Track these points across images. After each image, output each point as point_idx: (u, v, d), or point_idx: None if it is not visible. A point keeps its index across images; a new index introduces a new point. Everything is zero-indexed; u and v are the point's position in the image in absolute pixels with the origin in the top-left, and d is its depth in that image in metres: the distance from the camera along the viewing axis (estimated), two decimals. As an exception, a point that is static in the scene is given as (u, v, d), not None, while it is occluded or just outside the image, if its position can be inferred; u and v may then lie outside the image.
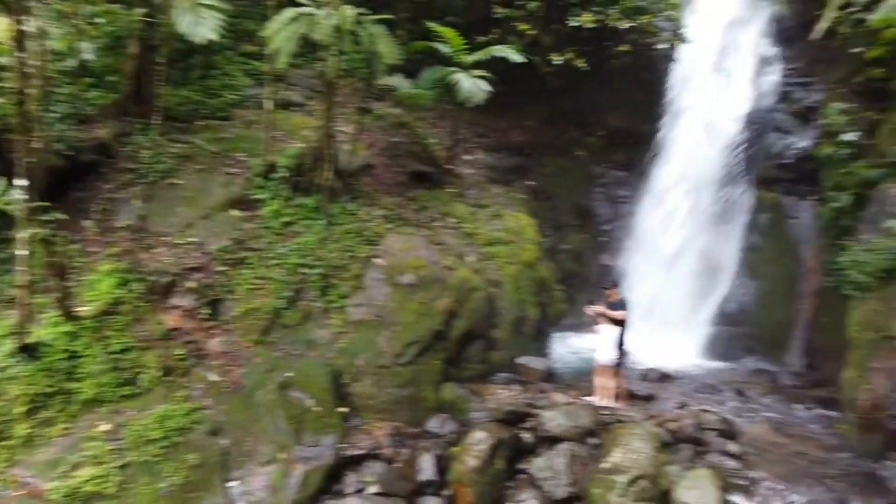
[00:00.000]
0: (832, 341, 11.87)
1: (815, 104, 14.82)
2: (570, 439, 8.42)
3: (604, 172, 17.84)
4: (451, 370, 10.97)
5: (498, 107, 18.03)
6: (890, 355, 8.25)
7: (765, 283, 13.41)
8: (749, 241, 14.09)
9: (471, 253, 12.74)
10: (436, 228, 13.09)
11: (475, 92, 13.70)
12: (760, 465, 8.01)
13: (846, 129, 12.98)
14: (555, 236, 16.76)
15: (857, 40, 13.82)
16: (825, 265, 12.43)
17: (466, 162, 16.42)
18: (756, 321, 13.23)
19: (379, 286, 10.92)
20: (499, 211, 14.28)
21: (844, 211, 11.82)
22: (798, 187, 14.04)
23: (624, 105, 17.97)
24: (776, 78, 16.02)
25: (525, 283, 12.93)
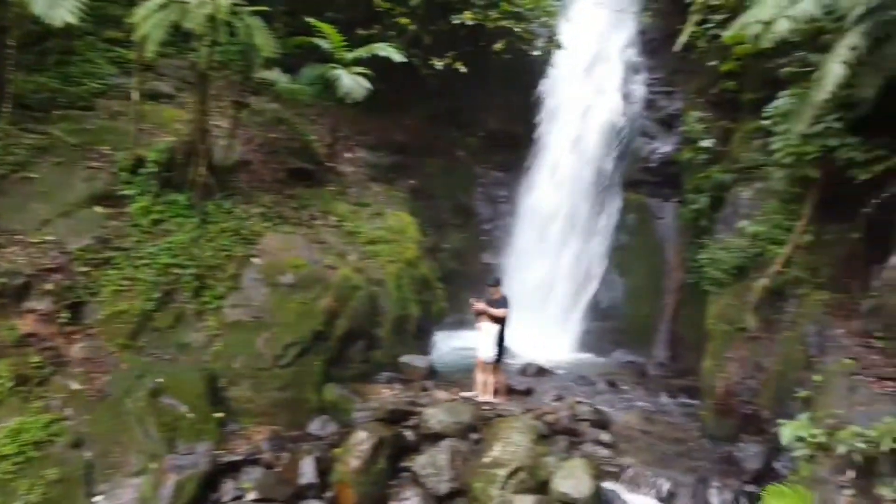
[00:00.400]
0: (692, 333, 12.79)
1: (677, 112, 15.85)
2: (452, 435, 8.53)
3: (484, 173, 18.23)
4: (333, 371, 10.82)
5: (379, 105, 17.98)
6: (742, 345, 9.00)
7: (633, 279, 14.23)
8: (618, 240, 14.91)
9: (352, 252, 12.62)
10: (316, 227, 12.88)
11: (355, 89, 13.58)
12: (630, 452, 8.49)
13: (703, 136, 13.98)
14: (436, 235, 16.94)
15: (713, 54, 14.91)
16: (686, 262, 13.34)
17: (347, 160, 16.27)
18: (625, 316, 14.03)
19: (257, 286, 10.59)
20: (380, 209, 14.24)
21: (702, 212, 12.74)
22: (662, 190, 14.99)
23: (502, 107, 18.45)
24: (642, 86, 17.00)
25: (407, 282, 12.97)
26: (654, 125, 15.97)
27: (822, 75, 7.01)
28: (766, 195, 10.51)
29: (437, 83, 17.52)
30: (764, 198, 10.49)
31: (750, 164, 11.65)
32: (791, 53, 13.21)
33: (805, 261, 8.64)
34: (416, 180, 17.15)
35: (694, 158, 13.19)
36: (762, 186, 10.79)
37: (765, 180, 10.88)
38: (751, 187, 11.00)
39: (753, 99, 13.03)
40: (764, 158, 11.29)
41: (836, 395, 5.65)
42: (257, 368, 9.89)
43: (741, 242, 10.00)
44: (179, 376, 9.25)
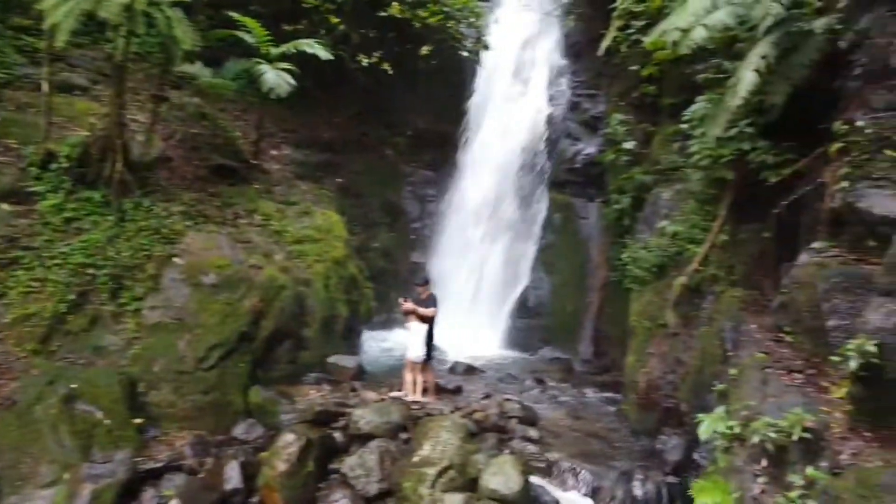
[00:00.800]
0: (616, 330, 13.16)
1: (601, 115, 16.26)
2: (381, 436, 8.48)
3: (412, 171, 18.24)
4: (259, 372, 10.60)
5: (306, 102, 17.75)
6: (663, 341, 9.32)
7: (559, 278, 14.52)
8: (545, 239, 15.19)
9: (278, 251, 12.37)
10: (241, 226, 12.56)
11: (280, 85, 13.35)
12: (557, 447, 8.66)
13: (625, 138, 14.39)
14: (365, 234, 16.83)
15: (635, 59, 15.37)
16: (610, 261, 13.71)
17: (273, 157, 15.95)
18: (551, 313, 14.30)
19: (178, 287, 10.24)
20: (307, 208, 14.02)
21: (625, 212, 13.12)
22: (587, 190, 15.35)
23: (430, 106, 18.50)
24: (567, 89, 17.36)
25: (335, 281, 12.81)
26: (579, 127, 16.34)
27: (736, 82, 7.34)
28: (684, 196, 10.91)
29: (366, 81, 17.43)
30: (683, 199, 10.88)
31: (669, 166, 12.06)
32: (707, 60, 13.82)
33: (720, 259, 9.02)
34: (344, 179, 16.98)
35: (616, 160, 13.56)
36: (681, 188, 11.19)
37: (683, 182, 11.28)
38: (670, 188, 11.40)
39: (672, 103, 13.51)
40: (682, 161, 11.73)
41: (749, 388, 5.92)
42: (179, 372, 9.57)
43: (661, 242, 10.35)
44: (95, 381, 8.83)
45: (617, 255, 13.42)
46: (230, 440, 9.13)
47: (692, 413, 7.80)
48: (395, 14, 15.78)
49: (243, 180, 14.06)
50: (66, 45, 10.30)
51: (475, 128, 18.04)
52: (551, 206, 15.46)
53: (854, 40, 7.98)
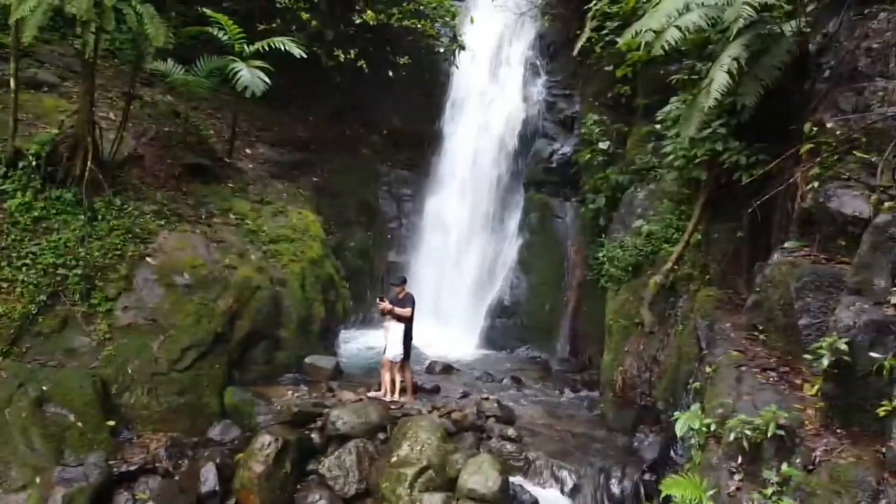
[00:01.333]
0: (593, 329, 13.25)
1: (576, 114, 16.37)
2: (359, 436, 8.45)
3: (388, 171, 18.16)
4: (235, 373, 10.51)
5: (281, 100, 17.61)
6: (639, 340, 9.40)
7: (535, 277, 14.58)
8: (521, 238, 15.24)
9: (253, 251, 12.27)
10: (215, 225, 12.42)
11: (255, 83, 13.19)
12: (535, 445, 8.69)
13: (600, 138, 14.49)
14: (341, 233, 16.75)
15: (609, 59, 15.48)
16: (587, 260, 13.80)
17: (248, 156, 15.80)
18: (528, 312, 14.35)
19: (151, 287, 10.10)
20: (283, 207, 13.91)
21: (601, 211, 13.21)
22: (563, 189, 15.44)
23: (406, 106, 18.45)
24: (542, 89, 17.44)
25: (311, 281, 12.73)
26: (555, 127, 16.42)
27: (709, 82, 7.41)
28: (659, 196, 11.03)
29: (342, 80, 17.33)
30: (657, 198, 11.00)
31: (644, 166, 12.19)
32: (681, 61, 14.00)
33: (695, 258, 9.13)
34: (320, 178, 16.88)
35: (592, 160, 13.65)
36: (655, 188, 11.31)
37: (658, 182, 11.40)
38: (645, 188, 11.52)
39: (646, 104, 13.65)
40: (657, 161, 11.87)
41: (724, 386, 5.97)
42: (153, 373, 9.45)
43: (637, 241, 10.45)
44: (66, 383, 8.69)
45: (593, 254, 13.53)
46: (206, 442, 9.04)
47: (668, 411, 7.89)
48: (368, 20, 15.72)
49: (217, 179, 13.91)
50: (34, 41, 10.10)
51: (451, 127, 18.03)
52: (528, 206, 15.52)
53: (822, 43, 8.14)
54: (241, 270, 11.28)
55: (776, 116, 8.39)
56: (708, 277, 8.80)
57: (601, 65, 15.78)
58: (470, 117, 17.82)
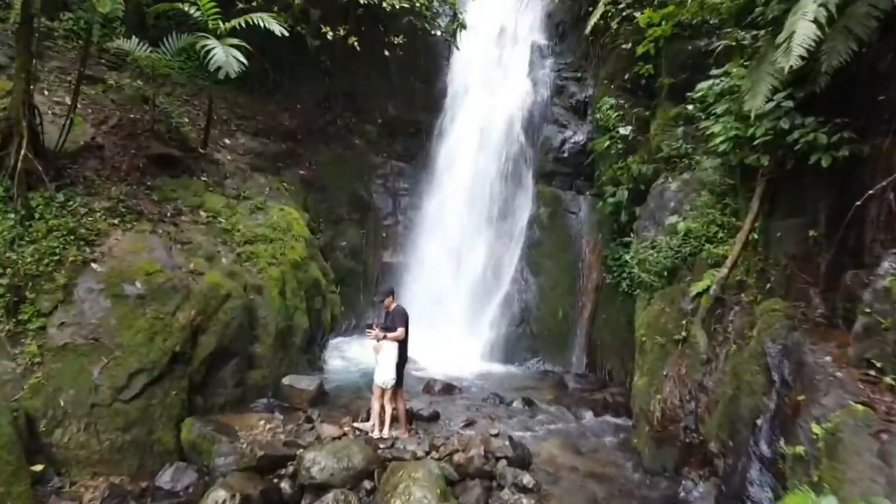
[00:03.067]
0: (612, 339, 11.47)
1: (588, 99, 14.56)
2: (339, 486, 6.65)
3: (383, 162, 16.34)
4: (197, 399, 8.74)
5: (265, 86, 15.80)
6: (680, 361, 7.59)
7: (546, 279, 12.71)
8: (531, 236, 13.35)
9: (226, 253, 10.48)
10: (182, 224, 10.62)
11: (229, 63, 11.32)
12: (556, 497, 6.84)
13: (618, 123, 12.70)
14: (330, 231, 14.96)
15: (626, 37, 13.67)
16: (604, 261, 12.00)
17: (226, 146, 13.96)
18: (539, 320, 12.48)
19: (95, 299, 8.29)
20: (262, 203, 12.10)
21: (622, 206, 11.42)
22: (576, 181, 13.61)
23: (402, 91, 16.67)
24: (550, 72, 15.60)
25: (293, 287, 10.94)
26: (565, 112, 14.58)
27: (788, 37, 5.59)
28: (695, 187, 9.21)
29: (332, 64, 15.56)
30: (693, 190, 9.18)
31: (673, 153, 10.37)
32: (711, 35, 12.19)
33: (749, 262, 7.31)
34: (307, 171, 15.06)
35: (610, 148, 11.82)
36: (690, 177, 9.49)
37: (693, 170, 9.58)
38: (677, 178, 9.69)
39: (671, 83, 11.85)
40: (689, 146, 10.06)
41: (858, 463, 4.04)
42: (92, 405, 7.66)
43: (672, 241, 8.62)
44: (-21, 421, 6.90)
45: (612, 254, 11.75)
46: (153, 490, 7.26)
47: (727, 456, 6.09)
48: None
49: (188, 172, 12.10)
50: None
51: (452, 115, 16.22)
52: (537, 200, 13.63)
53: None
54: (209, 276, 9.47)
55: (854, 85, 6.59)
56: (768, 286, 6.99)
57: (617, 43, 13.98)
58: (472, 103, 15.99)
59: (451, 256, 14.68)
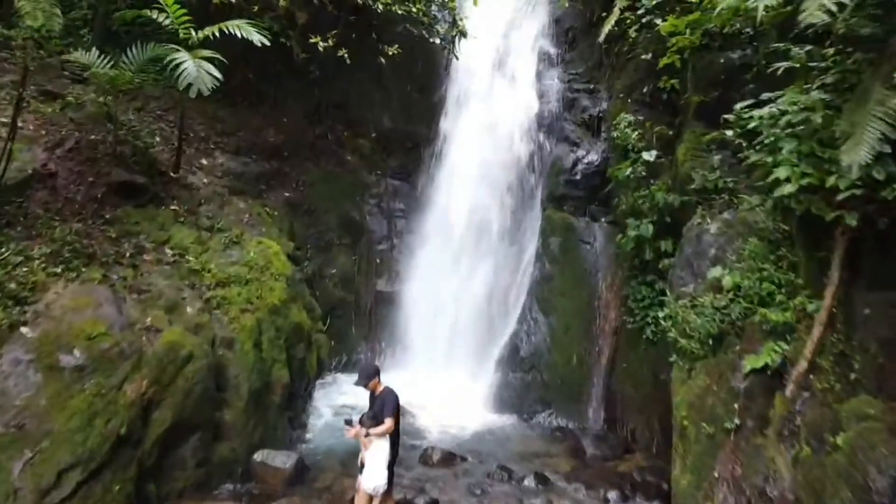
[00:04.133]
0: (634, 392, 9.93)
1: (603, 114, 12.95)
2: None
3: (377, 180, 14.75)
4: (149, 488, 7.20)
5: (248, 98, 14.20)
6: (735, 458, 6.07)
7: (558, 319, 11.09)
8: (540, 268, 11.73)
9: (192, 300, 8.94)
10: (143, 266, 9.10)
11: (201, 78, 9.78)
12: None
13: (637, 144, 11.13)
14: (319, 259, 13.41)
15: (645, 45, 12.09)
16: (623, 300, 10.44)
17: (203, 168, 12.39)
18: (550, 366, 10.86)
19: (23, 374, 6.76)
20: (239, 236, 10.55)
21: (644, 240, 9.85)
22: (590, 207, 12.00)
23: (399, 103, 15.10)
24: (560, 83, 14.00)
25: (270, 336, 9.40)
26: (577, 129, 12.98)
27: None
28: (740, 230, 7.64)
29: (321, 74, 13.97)
30: (738, 234, 7.60)
31: (708, 184, 8.78)
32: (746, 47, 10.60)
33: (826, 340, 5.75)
34: (294, 192, 13.49)
35: (631, 173, 10.20)
36: (733, 218, 7.91)
37: (735, 209, 8.01)
38: (716, 219, 8.09)
39: (700, 101, 10.26)
40: (730, 181, 8.49)
41: None
42: (11, 512, 6.12)
43: (715, 300, 7.05)
44: None
45: (634, 293, 10.20)
46: None
47: None
48: (350, 1, 12.36)
49: (156, 200, 10.58)
50: None
51: (452, 129, 14.63)
52: (547, 227, 12.00)
53: None
54: (167, 334, 7.94)
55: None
56: (852, 375, 5.44)
57: (635, 52, 12.39)
58: (474, 117, 14.44)
59: (451, 286, 13.11)
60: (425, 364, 12.30)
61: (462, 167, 14.08)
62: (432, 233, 13.87)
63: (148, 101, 12.87)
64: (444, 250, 13.54)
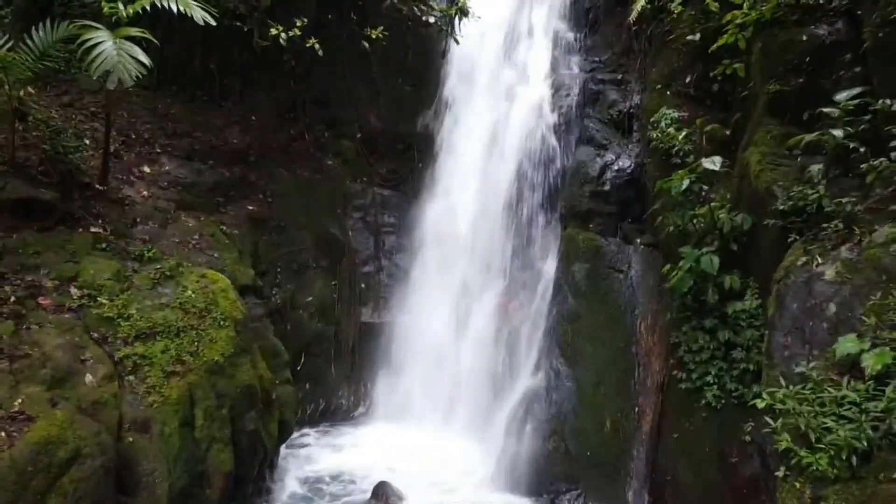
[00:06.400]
0: (691, 475, 7.34)
1: (634, 109, 10.42)
2: None
3: (363, 190, 12.21)
4: None
5: (209, 92, 11.66)
6: None
7: (586, 371, 8.43)
8: (561, 303, 9.13)
9: (94, 365, 6.38)
10: (31, 315, 6.58)
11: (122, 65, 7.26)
12: None
13: (685, 146, 8.59)
14: (291, 284, 10.88)
15: (691, 24, 9.54)
16: (673, 348, 7.86)
17: (143, 177, 9.86)
18: (577, 432, 8.17)
19: None
20: (175, 267, 7.98)
21: (707, 278, 7.28)
22: (621, 224, 9.43)
23: (389, 99, 12.54)
24: (580, 72, 11.48)
25: (208, 407, 6.86)
26: (603, 128, 10.42)
27: None
28: (872, 276, 5.06)
29: (297, 63, 11.50)
30: (872, 283, 5.03)
31: (807, 206, 6.20)
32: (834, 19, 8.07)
33: None
34: (259, 204, 10.96)
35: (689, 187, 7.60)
36: (856, 257, 5.33)
37: (858, 245, 5.44)
38: (831, 259, 5.50)
39: (775, 92, 7.66)
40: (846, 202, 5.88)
41: None
42: None
43: (859, 396, 4.48)
44: None
45: (689, 341, 7.62)
46: None
47: None
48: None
49: (70, 222, 8.07)
50: None
51: (452, 128, 12.12)
52: (568, 250, 9.35)
53: None
54: (41, 424, 5.39)
55: None
56: None
57: (678, 33, 9.82)
58: (477, 113, 11.92)
59: (449, 319, 10.59)
60: (418, 414, 9.80)
61: (463, 173, 11.61)
62: (427, 252, 11.35)
63: (81, 96, 10.32)
64: (443, 273, 11.01)
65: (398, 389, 10.61)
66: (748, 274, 7.40)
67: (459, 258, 10.93)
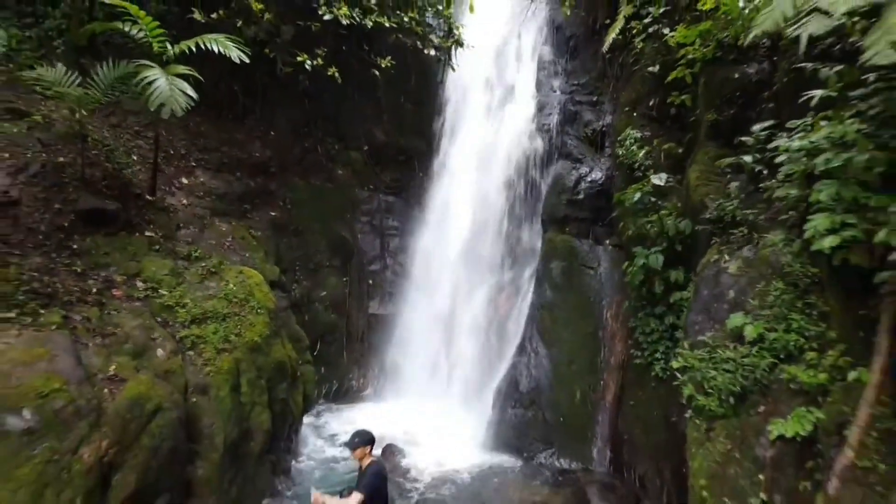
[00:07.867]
0: (643, 434, 9.15)
1: (607, 128, 12.19)
2: None
3: (370, 196, 14.01)
4: (108, 561, 6.44)
5: (233, 111, 13.45)
6: (765, 543, 5.34)
7: (561, 352, 10.34)
8: (541, 295, 10.96)
9: (162, 342, 8.16)
10: (110, 304, 8.32)
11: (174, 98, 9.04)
12: None
13: (645, 162, 10.38)
14: (307, 281, 12.65)
15: (652, 56, 11.32)
16: (631, 331, 9.67)
17: (183, 188, 11.64)
18: (552, 402, 10.10)
19: (-38, 441, 5.99)
20: (217, 266, 9.77)
21: (654, 271, 9.07)
22: (594, 228, 11.24)
23: (392, 115, 14.33)
24: (561, 94, 13.23)
25: (250, 378, 8.65)
26: (580, 144, 12.22)
27: None
28: (763, 272, 6.86)
29: (311, 84, 13.23)
30: (761, 276, 6.83)
31: (725, 214, 8.00)
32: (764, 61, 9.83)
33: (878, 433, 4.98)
34: (280, 211, 12.74)
35: (642, 200, 9.42)
36: (752, 256, 7.13)
37: (755, 246, 7.24)
38: (736, 256, 7.32)
39: (714, 120, 9.47)
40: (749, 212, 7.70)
41: None
42: None
43: (736, 353, 6.30)
44: None
45: (642, 326, 9.43)
46: None
47: None
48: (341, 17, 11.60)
49: (129, 227, 9.80)
50: None
51: (448, 141, 13.89)
52: (548, 251, 11.22)
53: None
54: (131, 386, 7.17)
55: None
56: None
57: (642, 64, 11.61)
58: (470, 130, 13.70)
59: (446, 310, 12.37)
60: (419, 393, 11.57)
61: (459, 182, 13.34)
62: (427, 252, 13.12)
63: (125, 117, 12.08)
64: (441, 270, 12.79)
65: (402, 372, 12.36)
66: (690, 269, 9.15)
67: (455, 257, 12.66)
